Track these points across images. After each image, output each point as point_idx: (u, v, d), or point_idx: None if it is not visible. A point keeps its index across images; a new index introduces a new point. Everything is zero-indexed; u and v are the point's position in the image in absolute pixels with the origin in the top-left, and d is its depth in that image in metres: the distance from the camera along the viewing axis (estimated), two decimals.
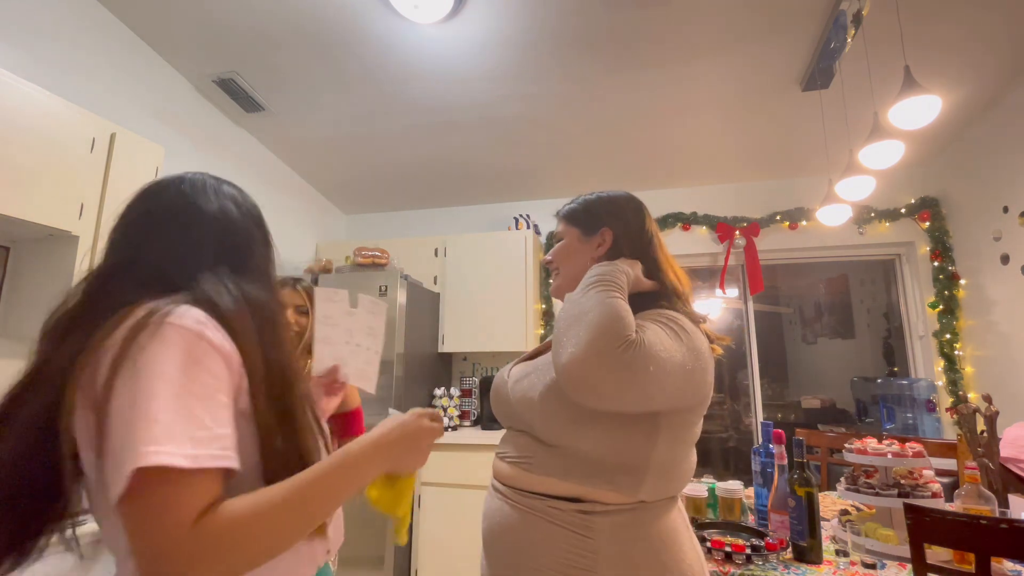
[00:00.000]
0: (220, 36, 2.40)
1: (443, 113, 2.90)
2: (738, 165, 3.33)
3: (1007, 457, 1.71)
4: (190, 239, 0.70)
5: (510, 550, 0.83)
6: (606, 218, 0.97)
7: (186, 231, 0.70)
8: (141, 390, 0.53)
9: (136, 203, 0.74)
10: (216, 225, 0.72)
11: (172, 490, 0.52)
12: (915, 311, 3.22)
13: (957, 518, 1.04)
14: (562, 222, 1.02)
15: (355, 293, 1.09)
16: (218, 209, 0.74)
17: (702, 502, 1.62)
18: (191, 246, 0.69)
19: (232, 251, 0.72)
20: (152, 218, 0.72)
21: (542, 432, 0.85)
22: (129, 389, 0.54)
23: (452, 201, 3.98)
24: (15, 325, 1.88)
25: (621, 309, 0.77)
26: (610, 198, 1.00)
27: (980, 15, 2.07)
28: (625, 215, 0.97)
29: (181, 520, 0.51)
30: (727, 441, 4.13)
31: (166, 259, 0.68)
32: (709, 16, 2.16)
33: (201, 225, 0.71)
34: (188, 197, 0.73)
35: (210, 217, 0.72)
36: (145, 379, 0.54)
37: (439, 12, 2.16)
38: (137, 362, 0.55)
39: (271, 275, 0.78)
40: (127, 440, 0.51)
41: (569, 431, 0.82)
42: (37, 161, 1.71)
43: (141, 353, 0.55)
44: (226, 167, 2.96)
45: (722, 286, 3.44)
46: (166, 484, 0.51)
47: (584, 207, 1.00)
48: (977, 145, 2.79)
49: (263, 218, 0.81)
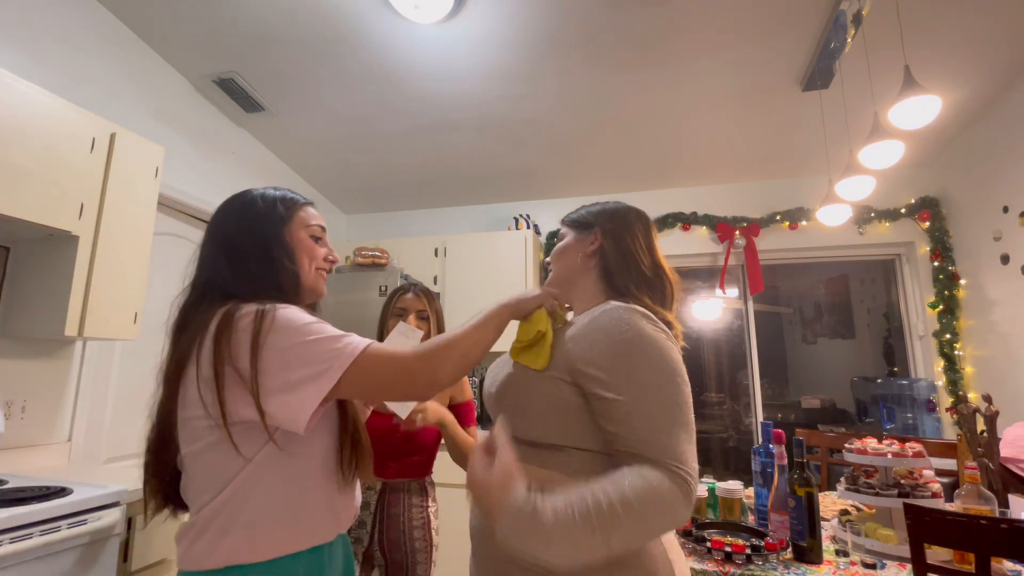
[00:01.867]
0: (220, 36, 2.40)
1: (443, 113, 2.90)
2: (738, 165, 3.33)
3: (1007, 457, 1.71)
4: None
5: (480, 539, 0.87)
6: (599, 218, 1.01)
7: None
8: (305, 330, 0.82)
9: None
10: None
11: (379, 353, 0.81)
12: (915, 311, 3.22)
13: (957, 518, 1.04)
14: (563, 225, 1.08)
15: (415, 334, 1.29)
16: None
17: (702, 502, 1.62)
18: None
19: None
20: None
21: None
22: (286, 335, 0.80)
23: (452, 201, 3.98)
24: (15, 325, 1.88)
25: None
26: (612, 205, 1.04)
27: (980, 15, 2.07)
28: (620, 217, 1.01)
29: (404, 356, 0.82)
30: (727, 441, 4.12)
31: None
32: (709, 16, 2.16)
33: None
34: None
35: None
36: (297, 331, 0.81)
37: (439, 12, 2.16)
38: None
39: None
40: (322, 356, 0.78)
41: (518, 423, 0.86)
42: (37, 161, 1.71)
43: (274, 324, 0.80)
44: (226, 167, 2.96)
45: (722, 286, 3.43)
46: (377, 353, 0.81)
47: (583, 211, 1.05)
48: (977, 145, 2.79)
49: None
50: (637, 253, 0.97)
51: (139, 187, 2.06)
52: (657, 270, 0.98)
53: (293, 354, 0.77)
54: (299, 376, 0.76)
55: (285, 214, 0.95)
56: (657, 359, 0.79)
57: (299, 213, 0.97)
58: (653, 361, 0.79)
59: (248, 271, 0.89)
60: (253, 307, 0.80)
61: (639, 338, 0.80)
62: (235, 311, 0.80)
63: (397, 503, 1.57)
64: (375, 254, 3.17)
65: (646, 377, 0.78)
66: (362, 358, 0.78)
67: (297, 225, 0.96)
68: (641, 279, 0.95)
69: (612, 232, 0.99)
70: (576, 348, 0.84)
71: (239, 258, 0.89)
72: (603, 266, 0.97)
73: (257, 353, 0.76)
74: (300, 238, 0.95)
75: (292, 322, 0.80)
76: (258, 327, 0.77)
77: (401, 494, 1.58)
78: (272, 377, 0.76)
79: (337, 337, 0.80)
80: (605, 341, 0.82)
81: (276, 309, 0.80)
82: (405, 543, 1.55)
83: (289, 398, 0.76)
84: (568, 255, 1.01)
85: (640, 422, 0.76)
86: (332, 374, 0.76)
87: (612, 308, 0.86)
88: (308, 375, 0.76)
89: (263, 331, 0.77)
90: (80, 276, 1.84)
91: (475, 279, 3.42)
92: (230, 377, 0.77)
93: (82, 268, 1.85)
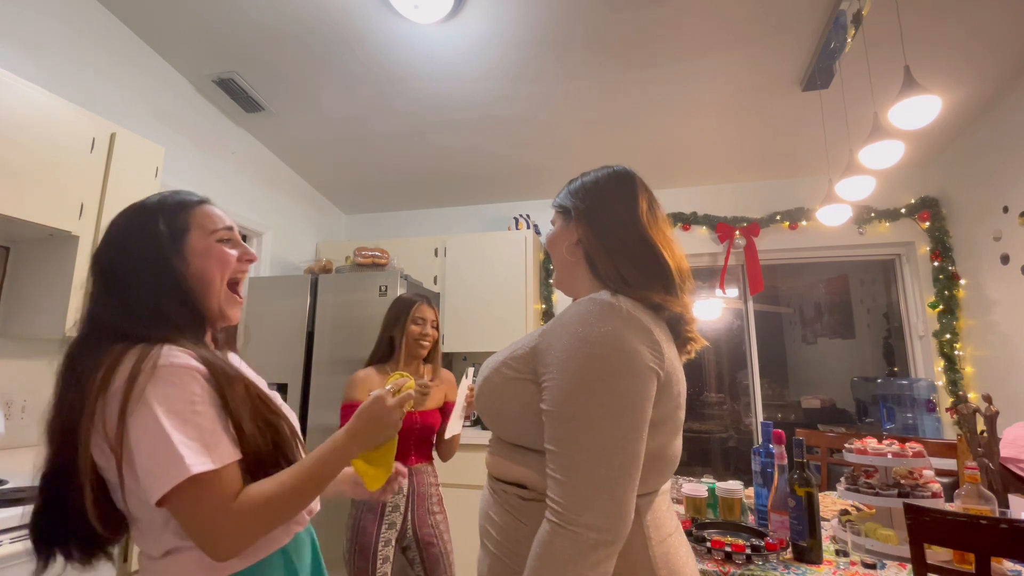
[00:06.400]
0: (220, 36, 2.40)
1: (443, 113, 2.90)
2: (738, 165, 3.33)
3: (1007, 457, 1.71)
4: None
5: (483, 531, 0.86)
6: (575, 198, 0.89)
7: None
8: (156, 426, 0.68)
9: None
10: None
11: (209, 488, 0.68)
12: (915, 311, 3.22)
13: (957, 518, 1.04)
14: (553, 209, 0.97)
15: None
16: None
17: (702, 502, 1.62)
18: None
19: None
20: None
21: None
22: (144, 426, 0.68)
23: (452, 201, 3.98)
24: (15, 325, 1.88)
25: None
26: (590, 177, 0.91)
27: (980, 15, 2.07)
28: (595, 191, 0.88)
29: (223, 506, 0.68)
30: (727, 441, 4.13)
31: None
32: (709, 16, 2.16)
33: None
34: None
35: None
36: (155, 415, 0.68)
37: (439, 12, 2.16)
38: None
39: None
40: (160, 461, 0.66)
41: (498, 425, 0.84)
42: (37, 161, 1.71)
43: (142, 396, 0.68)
44: (226, 167, 2.96)
45: (722, 286, 3.44)
46: (203, 485, 0.67)
47: (566, 190, 0.93)
48: (977, 145, 2.79)
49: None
50: (617, 230, 0.82)
51: (139, 187, 2.06)
52: (645, 246, 0.81)
53: (145, 442, 0.67)
54: (142, 469, 0.67)
55: (174, 227, 0.80)
56: (601, 379, 0.69)
57: (195, 219, 0.82)
58: (594, 381, 0.69)
59: (134, 304, 0.75)
60: (129, 364, 0.69)
61: (585, 344, 0.71)
62: (114, 368, 0.69)
63: (423, 483, 1.83)
64: (375, 254, 3.17)
65: (579, 401, 0.70)
66: (178, 489, 0.65)
67: (199, 234, 0.82)
68: (628, 261, 0.81)
69: (586, 213, 0.85)
70: (541, 345, 0.77)
71: (121, 290, 0.76)
72: (587, 254, 0.85)
73: (123, 431, 0.67)
74: (203, 247, 0.81)
75: (164, 400, 0.68)
76: (127, 395, 0.67)
77: (423, 475, 1.83)
78: (134, 451, 0.68)
79: (188, 443, 0.67)
80: (558, 345, 0.74)
81: (154, 372, 0.68)
82: (430, 517, 1.82)
83: (140, 479, 0.68)
84: (556, 249, 0.91)
85: (557, 459, 0.70)
86: (160, 486, 0.66)
87: (581, 301, 0.77)
88: (146, 473, 0.67)
89: (131, 401, 0.67)
90: (80, 276, 1.84)
91: (475, 279, 3.42)
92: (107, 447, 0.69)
93: (82, 268, 1.85)
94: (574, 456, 0.68)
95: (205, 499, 0.67)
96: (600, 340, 0.71)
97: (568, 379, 0.71)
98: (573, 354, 0.72)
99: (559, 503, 0.68)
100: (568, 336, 0.74)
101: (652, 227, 0.83)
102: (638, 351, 0.71)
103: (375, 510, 1.72)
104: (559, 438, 0.71)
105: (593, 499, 0.66)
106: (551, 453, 0.71)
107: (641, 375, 0.71)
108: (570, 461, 0.69)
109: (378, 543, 1.70)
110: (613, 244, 0.82)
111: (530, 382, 0.77)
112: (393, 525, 1.74)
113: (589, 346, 0.71)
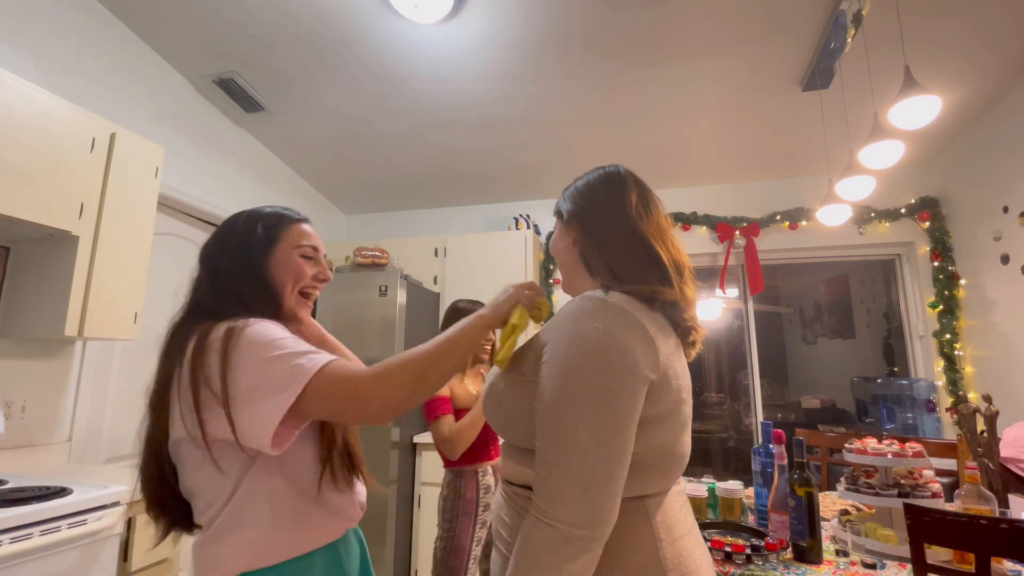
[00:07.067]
0: (220, 36, 2.40)
1: (443, 113, 2.90)
2: (738, 165, 3.33)
3: (1007, 457, 1.71)
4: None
5: (496, 534, 0.86)
6: (568, 202, 0.90)
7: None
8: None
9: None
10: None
11: (336, 371, 0.77)
12: (915, 311, 3.22)
13: (957, 518, 1.04)
14: (553, 216, 0.97)
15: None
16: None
17: (702, 502, 1.62)
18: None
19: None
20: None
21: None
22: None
23: (452, 201, 3.98)
24: (15, 325, 1.88)
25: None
26: (582, 180, 0.91)
27: (980, 15, 2.07)
28: (586, 192, 0.88)
29: (354, 375, 0.78)
30: (727, 441, 4.12)
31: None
32: (709, 16, 2.16)
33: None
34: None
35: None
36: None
37: (439, 12, 2.16)
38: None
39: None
40: (283, 373, 0.76)
41: (507, 429, 0.82)
42: (37, 161, 1.71)
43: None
44: (226, 167, 2.96)
45: (722, 286, 3.44)
46: (329, 374, 0.77)
47: (561, 198, 0.94)
48: (977, 145, 2.79)
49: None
50: (606, 226, 0.83)
51: (139, 187, 2.06)
52: (634, 238, 0.81)
53: (256, 372, 0.76)
54: (261, 393, 0.76)
55: (268, 235, 0.94)
56: (584, 377, 0.69)
57: (287, 232, 0.95)
58: (577, 379, 0.69)
59: (224, 290, 0.89)
60: (225, 326, 0.81)
61: (573, 342, 0.71)
62: (209, 330, 0.81)
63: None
64: (375, 254, 3.17)
65: (561, 398, 0.70)
66: (318, 377, 0.76)
67: (285, 245, 0.94)
68: (618, 255, 0.81)
69: (577, 214, 0.87)
70: (536, 345, 0.78)
71: (217, 278, 0.91)
72: (582, 255, 0.86)
73: (226, 372, 0.76)
74: (286, 258, 0.94)
75: (260, 338, 0.79)
76: (226, 345, 0.78)
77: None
78: (239, 395, 0.76)
79: (300, 353, 0.78)
80: (550, 344, 0.74)
81: (247, 326, 0.80)
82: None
83: (253, 416, 0.75)
84: (557, 254, 0.92)
85: (539, 455, 0.70)
86: (290, 392, 0.75)
87: (574, 300, 0.77)
88: (268, 393, 0.75)
89: (230, 348, 0.77)
90: (80, 276, 1.84)
91: (475, 279, 3.42)
92: (206, 398, 0.77)
93: (82, 268, 1.85)
94: (551, 452, 0.69)
95: (338, 382, 0.77)
96: (588, 337, 0.71)
97: (554, 376, 0.71)
98: (561, 352, 0.72)
99: (537, 496, 0.69)
100: (559, 334, 0.74)
101: (643, 220, 0.83)
102: (627, 348, 0.70)
103: (470, 512, 1.77)
104: (541, 434, 0.72)
105: (567, 495, 0.67)
106: (537, 449, 0.72)
107: (627, 373, 0.70)
108: (548, 457, 0.69)
109: (472, 543, 1.75)
110: (603, 240, 0.83)
111: (531, 383, 0.77)
112: (485, 524, 1.78)
113: (577, 344, 0.71)
